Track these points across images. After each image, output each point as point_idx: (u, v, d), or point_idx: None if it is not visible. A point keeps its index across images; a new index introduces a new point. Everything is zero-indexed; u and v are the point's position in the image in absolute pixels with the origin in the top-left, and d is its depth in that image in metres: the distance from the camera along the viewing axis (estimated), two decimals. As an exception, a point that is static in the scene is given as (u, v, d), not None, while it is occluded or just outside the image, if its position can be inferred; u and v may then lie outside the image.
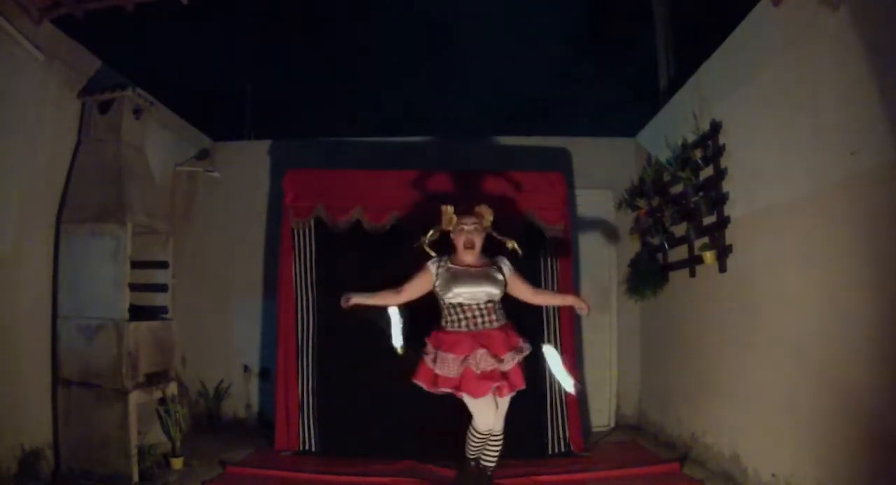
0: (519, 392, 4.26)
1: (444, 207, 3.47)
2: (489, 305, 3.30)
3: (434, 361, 3.27)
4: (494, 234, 3.47)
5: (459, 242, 3.34)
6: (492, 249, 3.50)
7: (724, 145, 3.74)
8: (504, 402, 3.35)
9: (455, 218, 3.40)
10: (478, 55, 9.18)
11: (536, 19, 9.20)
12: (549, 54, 9.27)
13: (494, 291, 3.31)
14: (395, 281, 3.48)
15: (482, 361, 3.18)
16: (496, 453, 3.46)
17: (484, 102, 8.88)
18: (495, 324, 3.31)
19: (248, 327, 5.37)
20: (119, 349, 3.56)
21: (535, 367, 4.34)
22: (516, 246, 3.46)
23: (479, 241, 3.35)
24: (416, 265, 3.47)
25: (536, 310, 4.39)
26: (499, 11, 9.08)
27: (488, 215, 3.43)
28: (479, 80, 9.24)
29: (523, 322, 4.34)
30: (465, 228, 3.33)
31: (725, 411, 3.75)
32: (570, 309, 4.56)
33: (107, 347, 3.56)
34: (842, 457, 2.68)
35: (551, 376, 4.34)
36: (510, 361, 3.24)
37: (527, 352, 3.36)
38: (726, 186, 3.72)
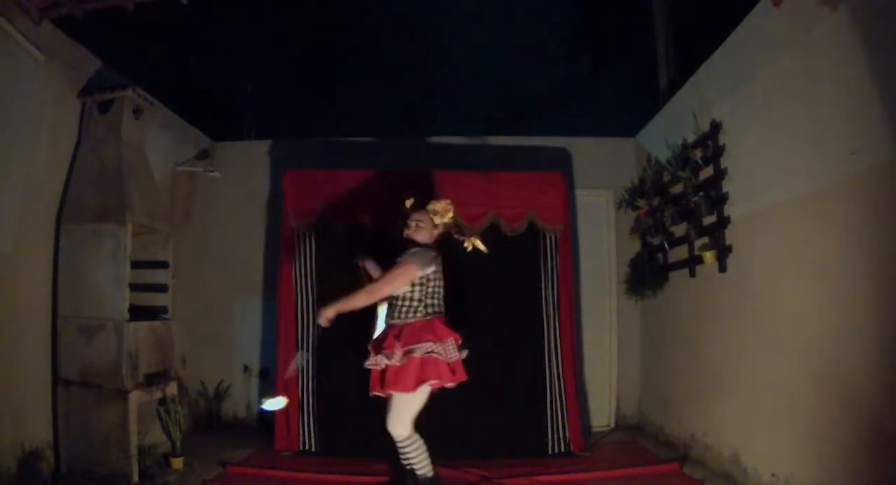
0: (519, 392, 4.30)
1: (404, 199, 3.43)
2: (378, 304, 3.32)
3: None
4: (452, 232, 3.40)
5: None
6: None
7: (724, 145, 3.74)
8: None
9: (407, 211, 3.37)
10: (478, 55, 9.16)
11: (536, 19, 9.20)
12: (548, 54, 9.26)
13: None
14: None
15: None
16: (400, 457, 3.35)
17: (484, 102, 8.87)
18: (389, 323, 3.28)
19: (248, 327, 5.37)
20: (119, 349, 3.56)
21: (534, 367, 4.37)
22: (478, 244, 3.38)
23: (420, 236, 3.29)
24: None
25: (536, 310, 4.40)
26: (499, 11, 9.07)
27: (444, 212, 3.33)
28: (480, 80, 9.23)
29: (524, 323, 4.38)
30: (409, 222, 3.32)
31: (725, 411, 3.75)
32: (571, 309, 4.58)
33: (107, 347, 3.56)
34: (842, 457, 2.68)
35: (551, 372, 4.36)
36: (375, 363, 3.21)
37: (382, 362, 3.16)
38: (726, 186, 3.72)
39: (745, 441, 3.50)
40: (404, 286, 3.16)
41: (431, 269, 3.20)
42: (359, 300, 3.15)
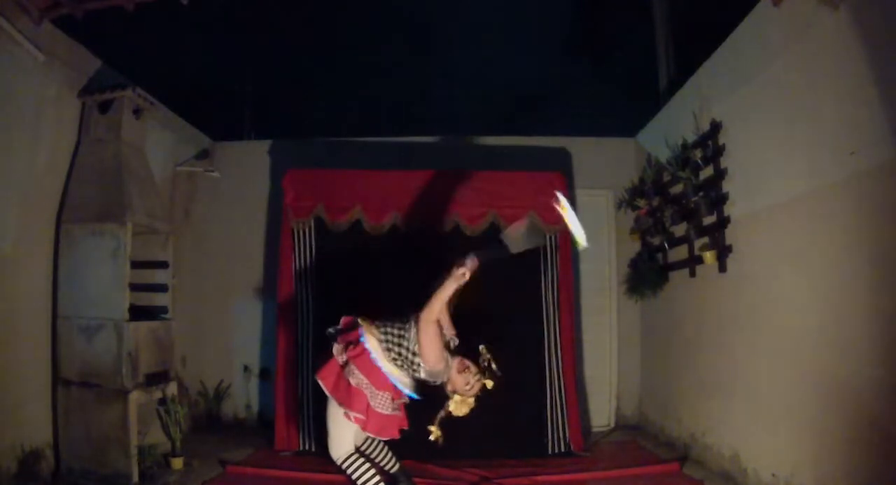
0: (519, 392, 4.29)
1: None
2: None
3: None
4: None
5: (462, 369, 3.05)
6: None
7: (724, 145, 3.74)
8: None
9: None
10: (479, 55, 9.18)
11: (537, 19, 9.21)
12: (549, 54, 9.27)
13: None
14: (395, 280, 3.46)
15: None
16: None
17: (484, 102, 8.89)
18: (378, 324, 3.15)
19: (248, 327, 5.37)
20: (119, 349, 3.56)
21: (534, 367, 4.37)
22: (436, 432, 3.03)
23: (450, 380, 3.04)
24: (419, 267, 3.35)
25: (536, 310, 4.40)
26: (501, 12, 9.09)
27: (459, 402, 3.00)
28: (480, 80, 9.25)
29: (524, 322, 4.38)
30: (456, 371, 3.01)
31: (725, 411, 3.75)
32: (571, 309, 4.58)
33: (107, 347, 3.56)
34: (841, 457, 2.68)
35: (551, 372, 4.35)
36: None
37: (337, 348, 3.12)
38: (726, 186, 3.72)
39: (745, 441, 3.50)
40: (417, 340, 2.94)
41: (431, 380, 3.02)
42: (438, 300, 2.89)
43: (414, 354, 2.98)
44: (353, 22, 9.24)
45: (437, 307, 2.89)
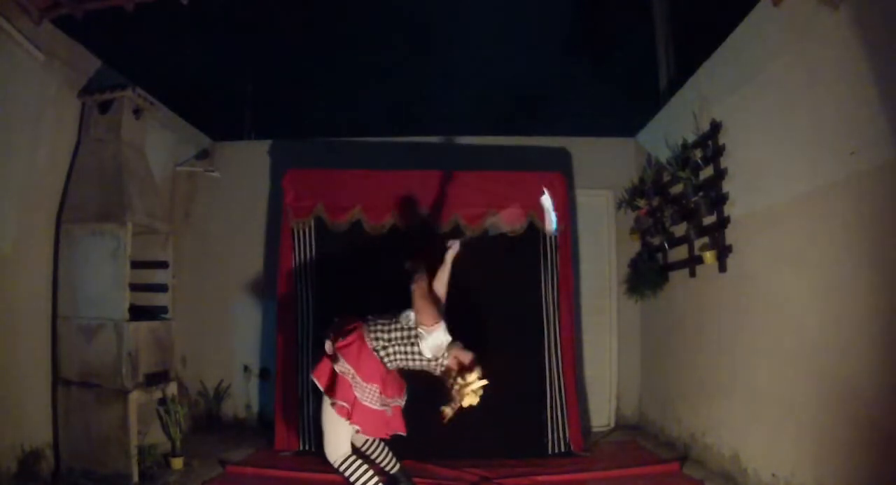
0: (519, 392, 4.30)
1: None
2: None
3: None
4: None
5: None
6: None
7: (724, 145, 3.75)
8: None
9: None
10: (479, 55, 9.18)
11: (538, 19, 9.21)
12: (549, 54, 9.27)
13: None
14: (395, 281, 3.46)
15: None
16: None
17: (484, 102, 8.89)
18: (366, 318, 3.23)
19: (247, 327, 5.37)
20: (119, 349, 3.56)
21: (534, 367, 4.37)
22: (447, 412, 3.01)
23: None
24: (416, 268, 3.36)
25: (536, 310, 4.40)
26: (501, 12, 9.09)
27: (461, 389, 2.98)
28: (480, 81, 9.25)
29: (524, 323, 4.39)
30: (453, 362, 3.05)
31: (725, 411, 3.75)
32: (571, 309, 4.58)
33: (107, 347, 3.56)
34: (841, 457, 2.68)
35: (551, 372, 4.36)
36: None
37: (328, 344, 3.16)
38: (726, 186, 3.72)
39: (745, 441, 3.50)
40: (414, 316, 2.97)
41: (431, 354, 2.99)
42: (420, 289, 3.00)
43: (410, 329, 3.00)
44: (353, 22, 9.23)
45: (423, 271, 3.04)
